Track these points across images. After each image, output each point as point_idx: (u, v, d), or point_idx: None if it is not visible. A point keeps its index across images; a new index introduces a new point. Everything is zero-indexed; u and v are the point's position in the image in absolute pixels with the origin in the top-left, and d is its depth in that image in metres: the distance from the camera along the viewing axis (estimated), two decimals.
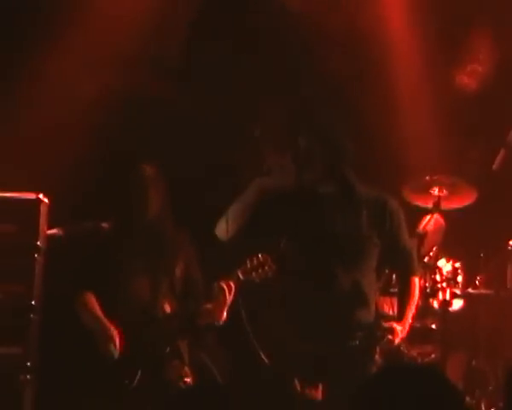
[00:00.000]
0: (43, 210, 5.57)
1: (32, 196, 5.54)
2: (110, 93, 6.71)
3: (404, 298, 5.21)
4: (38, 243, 5.51)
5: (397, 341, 5.08)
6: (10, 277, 5.53)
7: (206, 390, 3.52)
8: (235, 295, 5.21)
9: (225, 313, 5.24)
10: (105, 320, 5.22)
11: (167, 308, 5.33)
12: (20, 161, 6.31)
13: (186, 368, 5.30)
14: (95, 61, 6.81)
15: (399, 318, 5.16)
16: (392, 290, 6.08)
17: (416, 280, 5.26)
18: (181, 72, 7.05)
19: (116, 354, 5.18)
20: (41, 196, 5.57)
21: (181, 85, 7.07)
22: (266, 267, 5.16)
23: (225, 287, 5.18)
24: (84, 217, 5.69)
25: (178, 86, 7.06)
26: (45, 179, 5.76)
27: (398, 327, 5.06)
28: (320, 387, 4.94)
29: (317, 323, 4.92)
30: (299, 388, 4.95)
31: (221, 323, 5.26)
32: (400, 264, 5.25)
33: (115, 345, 5.19)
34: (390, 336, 5.02)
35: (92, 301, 5.29)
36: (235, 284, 5.20)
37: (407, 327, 5.14)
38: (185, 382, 5.24)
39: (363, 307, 5.00)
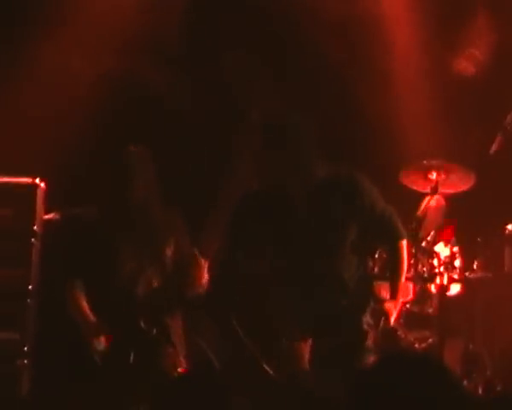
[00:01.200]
0: (40, 195, 5.60)
1: (28, 180, 5.61)
2: (108, 79, 6.64)
3: (393, 273, 5.12)
4: (35, 227, 5.54)
5: (392, 320, 5.04)
6: (7, 261, 5.57)
7: (203, 377, 3.50)
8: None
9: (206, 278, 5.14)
10: (89, 316, 5.08)
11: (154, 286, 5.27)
12: (18, 145, 6.23)
13: (181, 358, 5.20)
14: (93, 48, 6.73)
15: (391, 297, 5.07)
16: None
17: (403, 243, 5.10)
18: (179, 59, 6.98)
19: (101, 347, 5.06)
20: (38, 180, 5.58)
21: (179, 72, 6.99)
22: None
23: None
24: (80, 202, 5.58)
25: (176, 73, 6.98)
26: (42, 164, 5.74)
27: (389, 305, 5.00)
28: (308, 343, 4.96)
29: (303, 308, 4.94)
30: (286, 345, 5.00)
31: (202, 290, 5.12)
32: (383, 234, 5.13)
33: (99, 340, 5.06)
34: (384, 319, 5.00)
35: (78, 293, 5.16)
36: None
37: (399, 304, 5.10)
38: (179, 372, 5.13)
39: (342, 291, 4.93)
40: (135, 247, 5.24)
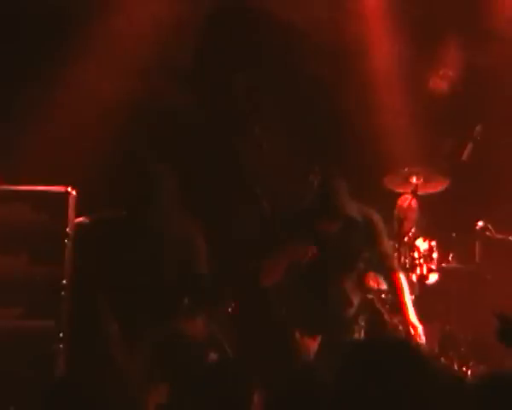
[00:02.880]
0: (72, 201, 5.66)
1: (61, 189, 5.70)
2: (129, 97, 6.79)
3: (396, 296, 5.77)
4: (68, 229, 5.66)
5: (422, 340, 5.63)
6: (44, 259, 5.65)
7: (218, 366, 3.62)
8: None
9: None
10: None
11: None
12: (52, 158, 6.41)
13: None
14: (115, 69, 6.88)
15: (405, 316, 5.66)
16: None
17: (399, 275, 5.77)
18: (193, 79, 7.19)
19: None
20: (69, 189, 5.67)
21: (192, 91, 7.21)
22: None
23: None
24: (107, 207, 5.82)
25: (190, 92, 7.19)
26: (73, 174, 5.89)
27: (414, 327, 5.60)
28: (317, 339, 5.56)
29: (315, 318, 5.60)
30: (298, 337, 5.57)
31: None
32: (383, 268, 5.83)
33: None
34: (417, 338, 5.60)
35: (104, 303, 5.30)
36: None
37: (415, 320, 5.65)
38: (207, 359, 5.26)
39: (348, 307, 5.65)
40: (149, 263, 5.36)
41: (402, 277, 5.82)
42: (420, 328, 5.67)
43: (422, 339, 5.62)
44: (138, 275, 5.37)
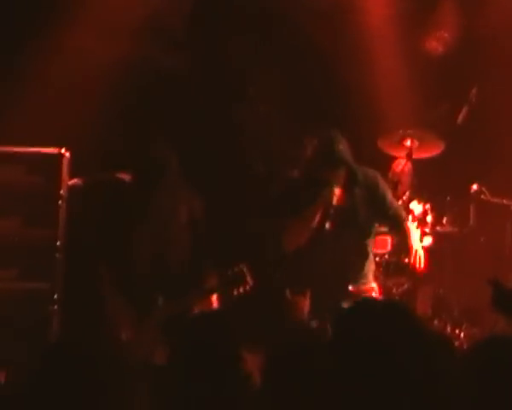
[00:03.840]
0: (65, 163, 5.69)
1: (55, 150, 5.71)
2: (122, 58, 6.77)
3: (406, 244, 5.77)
4: (61, 191, 5.70)
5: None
6: (39, 221, 5.69)
7: (208, 318, 3.52)
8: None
9: None
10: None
11: None
12: (46, 120, 6.38)
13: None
14: (107, 30, 6.85)
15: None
16: (382, 230, 6.29)
17: (408, 224, 5.81)
18: (185, 44, 7.15)
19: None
20: (63, 150, 5.68)
21: (185, 56, 7.17)
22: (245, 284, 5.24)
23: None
24: (101, 170, 5.82)
25: (183, 56, 7.15)
26: (67, 136, 5.90)
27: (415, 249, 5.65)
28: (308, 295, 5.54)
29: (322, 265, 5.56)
30: (289, 296, 5.58)
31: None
32: (392, 222, 5.83)
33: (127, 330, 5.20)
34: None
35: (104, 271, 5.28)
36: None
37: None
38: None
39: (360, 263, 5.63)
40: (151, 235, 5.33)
41: (411, 225, 5.87)
42: (422, 256, 5.69)
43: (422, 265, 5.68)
44: (139, 246, 5.37)
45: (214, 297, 5.35)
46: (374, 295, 5.65)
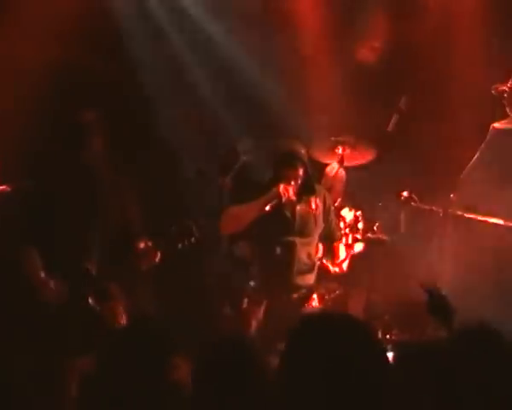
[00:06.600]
0: None
1: None
2: (52, 65, 6.71)
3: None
4: None
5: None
6: None
7: (143, 332, 3.44)
8: None
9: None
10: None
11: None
12: None
13: (120, 308, 5.21)
14: (31, 32, 6.76)
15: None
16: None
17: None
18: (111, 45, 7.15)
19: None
20: None
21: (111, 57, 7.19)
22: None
23: None
24: (29, 175, 5.70)
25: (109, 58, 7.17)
26: None
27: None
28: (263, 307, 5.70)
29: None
30: (246, 305, 5.72)
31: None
32: (327, 233, 6.24)
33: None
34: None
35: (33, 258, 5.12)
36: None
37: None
38: (120, 322, 5.14)
39: (310, 271, 6.01)
40: (84, 211, 5.30)
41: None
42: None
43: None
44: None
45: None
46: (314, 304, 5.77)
